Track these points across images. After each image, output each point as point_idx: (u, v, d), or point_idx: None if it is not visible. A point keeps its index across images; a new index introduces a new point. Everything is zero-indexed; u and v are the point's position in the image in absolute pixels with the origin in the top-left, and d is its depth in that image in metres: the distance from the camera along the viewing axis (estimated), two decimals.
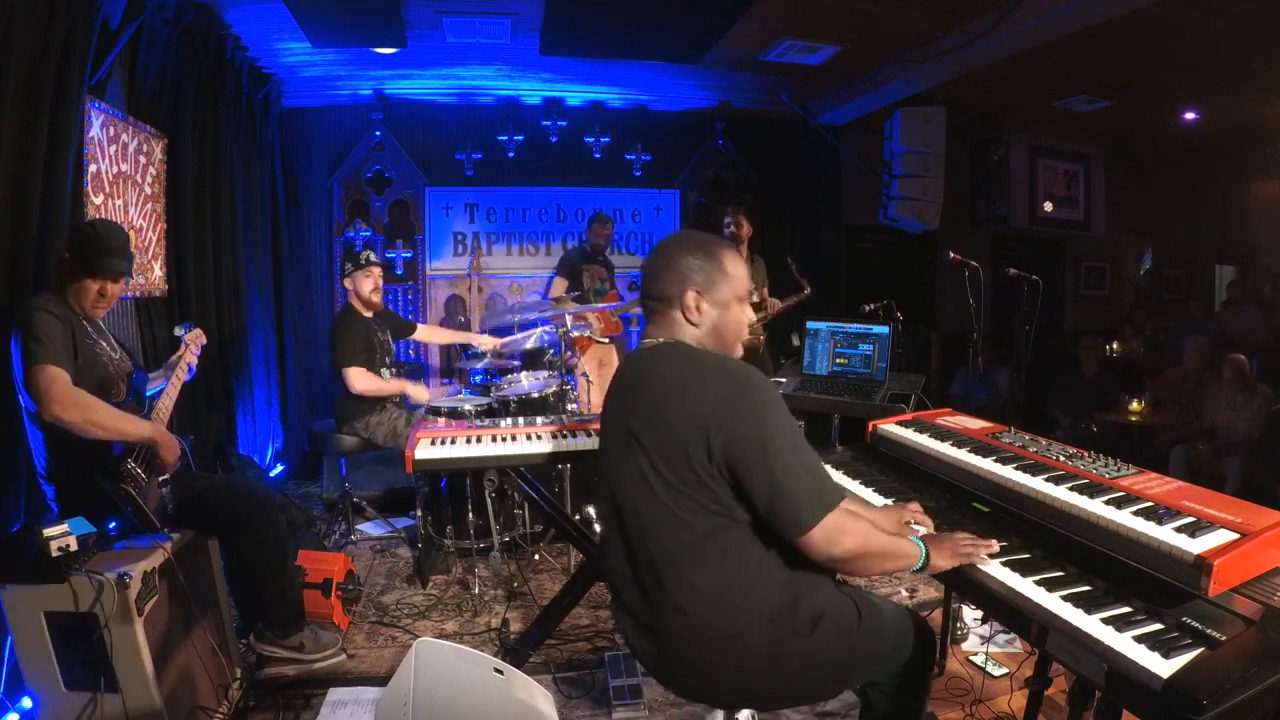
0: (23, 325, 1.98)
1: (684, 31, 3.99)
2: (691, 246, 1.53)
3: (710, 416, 1.34)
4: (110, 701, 1.86)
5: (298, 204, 5.26)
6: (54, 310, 2.03)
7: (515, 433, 2.55)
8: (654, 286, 1.54)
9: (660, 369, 1.45)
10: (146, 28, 3.23)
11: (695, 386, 1.38)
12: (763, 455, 1.33)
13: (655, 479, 1.39)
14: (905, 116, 5.17)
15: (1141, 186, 7.28)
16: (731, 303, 1.53)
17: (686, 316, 1.51)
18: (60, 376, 1.95)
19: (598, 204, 5.35)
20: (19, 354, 1.98)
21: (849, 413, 3.20)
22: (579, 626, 2.83)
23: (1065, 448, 1.85)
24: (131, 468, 2.09)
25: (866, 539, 1.39)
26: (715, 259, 1.52)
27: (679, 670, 1.44)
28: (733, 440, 1.33)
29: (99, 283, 2.14)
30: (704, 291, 1.50)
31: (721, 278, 1.51)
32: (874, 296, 3.82)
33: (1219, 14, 3.85)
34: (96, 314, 2.21)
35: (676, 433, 1.37)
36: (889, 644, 1.51)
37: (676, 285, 1.50)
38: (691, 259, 1.51)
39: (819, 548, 1.34)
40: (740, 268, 1.56)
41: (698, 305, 1.50)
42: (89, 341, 2.14)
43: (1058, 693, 2.17)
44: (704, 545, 1.37)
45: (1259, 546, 1.26)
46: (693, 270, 1.50)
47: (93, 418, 1.98)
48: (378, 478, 4.31)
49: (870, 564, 1.42)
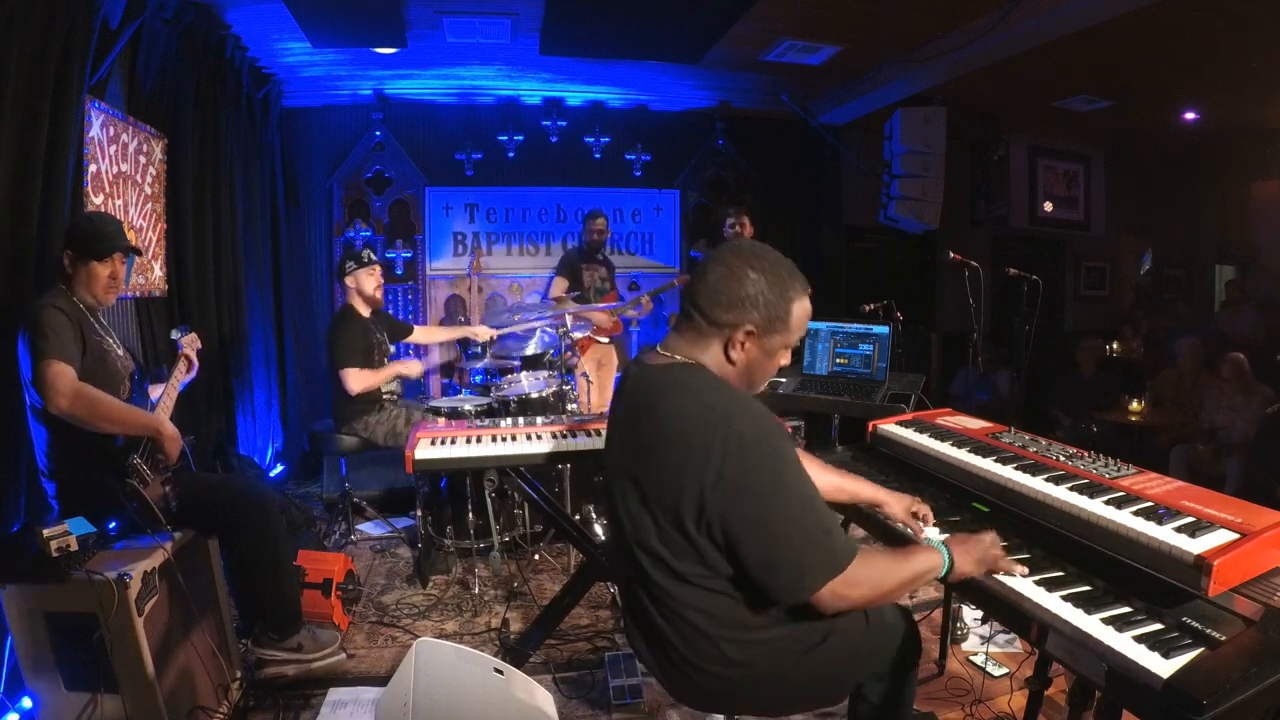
0: (30, 322, 1.99)
1: (684, 31, 3.99)
2: (761, 273, 1.30)
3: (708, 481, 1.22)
4: (110, 701, 1.86)
5: (298, 204, 5.26)
6: (62, 307, 2.05)
7: (515, 433, 2.55)
8: (707, 302, 1.32)
9: (665, 407, 1.30)
10: (146, 28, 3.23)
11: (698, 440, 1.23)
12: (761, 524, 1.22)
13: (650, 521, 1.32)
14: (905, 116, 5.17)
15: (1141, 186, 7.28)
16: (778, 351, 1.37)
17: (728, 353, 1.33)
18: (67, 371, 1.96)
19: (598, 204, 5.34)
20: (26, 351, 1.99)
21: (849, 413, 3.21)
22: (579, 626, 2.83)
23: (1065, 448, 1.85)
24: (136, 463, 2.09)
25: (880, 581, 1.29)
26: (784, 299, 1.32)
27: (685, 685, 1.44)
28: (728, 507, 1.22)
29: (108, 265, 2.17)
30: (757, 334, 1.32)
31: (781, 326, 1.33)
32: (874, 296, 3.82)
33: (1219, 14, 3.85)
34: (108, 299, 2.23)
35: (671, 488, 1.26)
36: (890, 636, 1.52)
37: (733, 315, 1.30)
38: (758, 291, 1.29)
39: (827, 605, 1.26)
40: (804, 317, 1.36)
41: (744, 345, 1.32)
42: (97, 338, 2.16)
43: (1058, 693, 2.17)
44: (701, 584, 1.31)
45: (1259, 546, 1.26)
46: (757, 305, 1.30)
47: (99, 410, 1.99)
48: (378, 478, 4.31)
49: (890, 599, 1.36)
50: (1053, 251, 7.07)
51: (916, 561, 1.37)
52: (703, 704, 1.50)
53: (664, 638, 1.39)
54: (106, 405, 2.02)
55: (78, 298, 2.16)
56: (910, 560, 1.37)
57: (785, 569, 1.24)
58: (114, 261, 2.19)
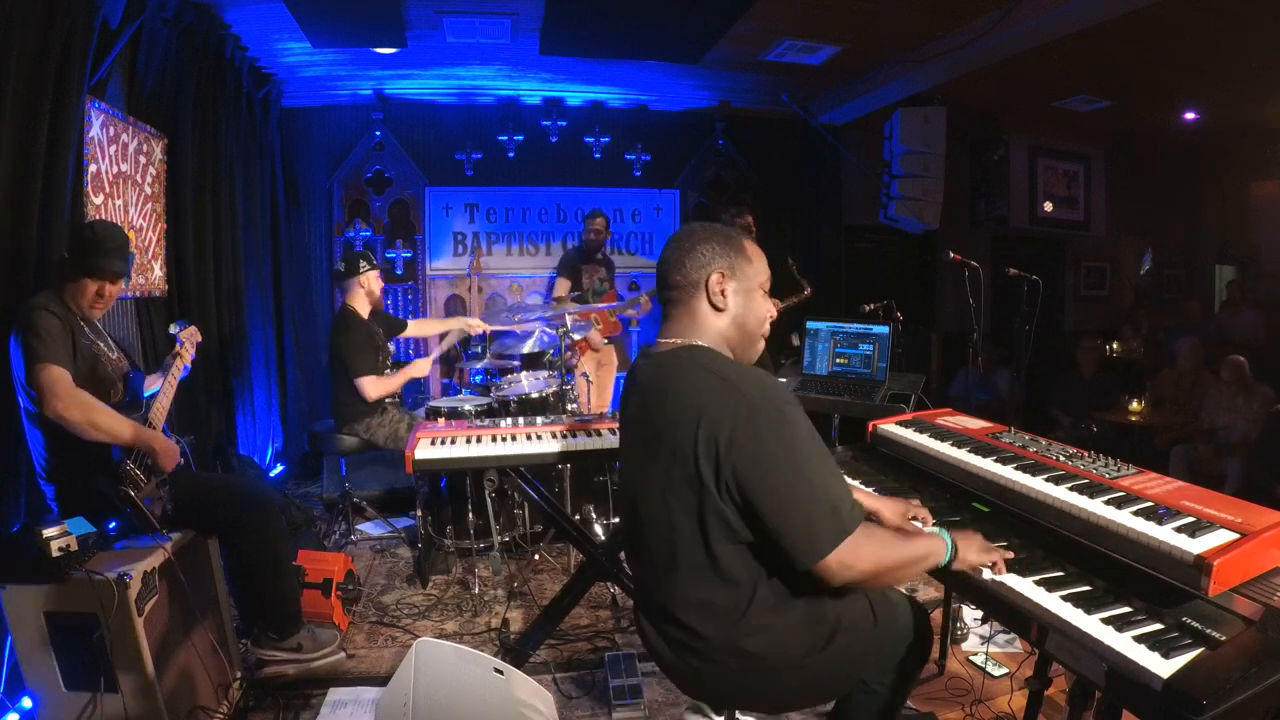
0: (24, 324, 1.99)
1: (684, 31, 3.99)
2: (708, 234, 1.47)
3: (723, 443, 1.27)
4: (110, 701, 1.86)
5: (298, 204, 5.26)
6: (54, 309, 2.04)
7: (515, 433, 2.55)
8: (673, 275, 1.45)
9: (678, 383, 1.37)
10: (146, 28, 3.23)
11: (712, 407, 1.30)
12: (771, 486, 1.26)
13: (672, 498, 1.35)
14: (905, 116, 5.17)
15: (1141, 186, 7.28)
16: (755, 291, 1.48)
17: (712, 301, 1.44)
18: (63, 375, 1.96)
19: (598, 204, 5.34)
20: (20, 353, 1.99)
21: (849, 413, 3.20)
22: (579, 626, 2.83)
23: (1065, 448, 1.85)
24: (130, 469, 2.09)
25: (884, 554, 1.32)
26: (735, 245, 1.46)
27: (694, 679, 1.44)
28: (742, 469, 1.27)
29: (97, 283, 2.15)
30: (728, 275, 1.44)
31: (744, 262, 1.46)
32: (874, 296, 3.81)
33: (1219, 14, 3.85)
34: (94, 314, 2.22)
35: (689, 457, 1.31)
36: (900, 637, 1.52)
37: (699, 271, 1.43)
38: (712, 245, 1.44)
39: (834, 574, 1.28)
40: (760, 256, 1.51)
41: (722, 289, 1.43)
42: (87, 342, 2.15)
43: (1058, 693, 2.17)
44: (718, 565, 1.34)
45: (1259, 546, 1.26)
46: (715, 255, 1.44)
47: (94, 419, 1.99)
48: (378, 478, 4.31)
49: (894, 576, 1.37)
50: (1053, 251, 7.07)
51: (920, 543, 1.42)
52: (712, 697, 1.50)
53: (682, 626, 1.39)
54: (101, 414, 2.01)
55: (69, 300, 2.15)
56: (915, 541, 1.43)
57: (798, 528, 1.27)
58: (104, 281, 2.16)
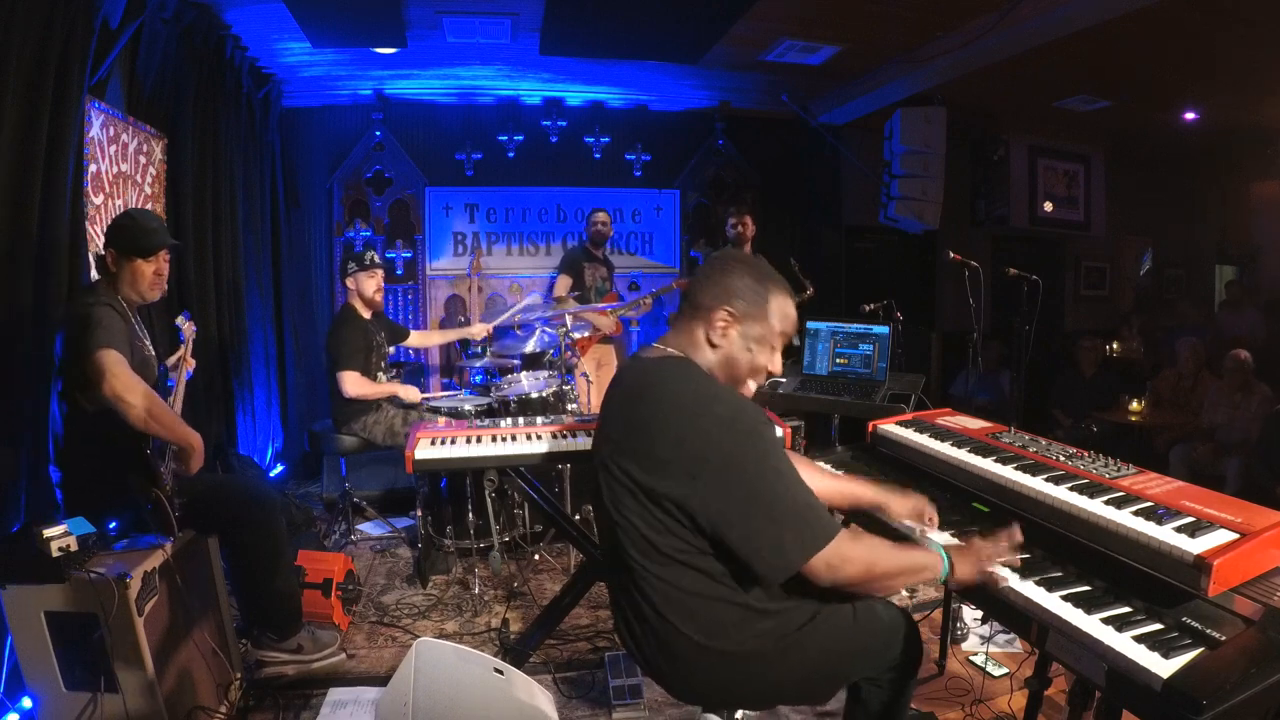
0: (80, 318, 2.00)
1: (684, 31, 3.99)
2: (744, 272, 1.43)
3: (693, 457, 1.29)
4: (110, 701, 1.86)
5: (298, 204, 5.26)
6: (112, 304, 2.08)
7: (515, 433, 2.54)
8: (695, 291, 1.46)
9: (658, 391, 1.38)
10: (146, 28, 3.23)
11: (685, 421, 1.31)
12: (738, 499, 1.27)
13: (638, 503, 1.35)
14: (905, 116, 5.17)
15: (1141, 186, 7.28)
16: (761, 344, 1.44)
17: (709, 335, 1.42)
18: (124, 360, 1.97)
19: (598, 204, 5.34)
20: (70, 340, 2.00)
21: (849, 413, 3.21)
22: (579, 626, 2.83)
23: (1065, 448, 1.85)
24: (163, 469, 2.10)
25: (873, 558, 1.33)
26: (765, 293, 1.42)
27: (672, 678, 1.44)
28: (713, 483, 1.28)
29: (153, 262, 2.20)
30: (736, 318, 1.41)
31: (762, 316, 1.42)
32: (874, 296, 3.82)
33: (1219, 14, 3.85)
34: (153, 296, 2.25)
35: (661, 464, 1.32)
36: (882, 640, 1.51)
37: (712, 299, 1.42)
38: (741, 281, 1.41)
39: (821, 575, 1.29)
40: (784, 319, 1.46)
41: (725, 329, 1.41)
42: (139, 342, 2.18)
43: (1058, 693, 2.17)
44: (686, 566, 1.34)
45: (1259, 546, 1.27)
46: (734, 295, 1.41)
47: (154, 410, 1.99)
48: (378, 478, 4.31)
49: (886, 583, 1.37)
50: (1053, 251, 7.06)
51: (914, 555, 1.41)
52: (694, 697, 1.50)
53: (651, 628, 1.39)
54: (160, 407, 2.02)
55: (122, 296, 2.17)
56: (909, 551, 1.42)
57: (765, 545, 1.28)
58: (159, 258, 2.22)
